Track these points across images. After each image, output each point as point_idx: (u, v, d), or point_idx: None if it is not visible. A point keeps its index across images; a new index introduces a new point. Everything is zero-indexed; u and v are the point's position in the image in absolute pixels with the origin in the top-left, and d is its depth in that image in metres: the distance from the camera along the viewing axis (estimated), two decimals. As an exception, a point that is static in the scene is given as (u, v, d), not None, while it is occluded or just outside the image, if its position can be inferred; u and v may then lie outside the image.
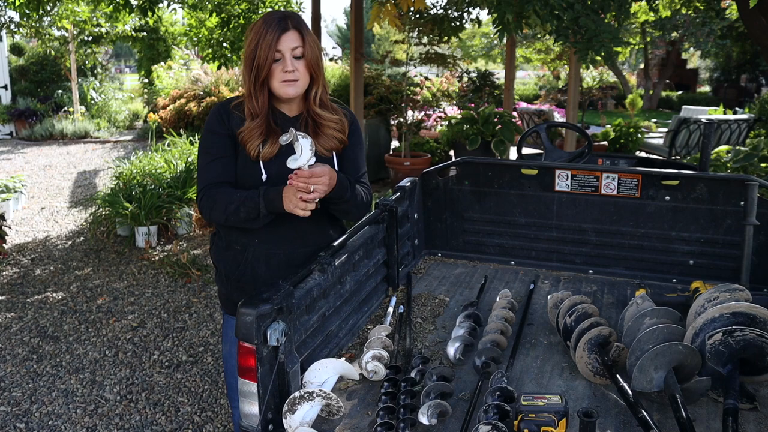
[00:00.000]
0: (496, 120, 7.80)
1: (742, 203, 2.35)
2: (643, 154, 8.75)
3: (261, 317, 1.50)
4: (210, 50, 7.16)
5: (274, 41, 1.78)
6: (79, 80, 13.53)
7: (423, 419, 1.52)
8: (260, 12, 7.04)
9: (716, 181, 2.43)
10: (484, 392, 1.62)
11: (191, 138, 7.41)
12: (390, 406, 1.57)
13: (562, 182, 2.60)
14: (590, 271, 2.62)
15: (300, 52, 1.81)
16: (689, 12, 7.81)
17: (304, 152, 1.68)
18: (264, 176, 1.85)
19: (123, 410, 3.16)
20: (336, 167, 1.94)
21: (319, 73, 1.88)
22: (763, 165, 5.50)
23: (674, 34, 16.96)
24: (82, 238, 6.04)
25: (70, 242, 5.93)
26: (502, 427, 1.42)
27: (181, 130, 9.61)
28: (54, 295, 4.64)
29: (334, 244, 1.95)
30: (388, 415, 1.54)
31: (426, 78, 9.73)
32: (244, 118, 1.87)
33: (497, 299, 2.20)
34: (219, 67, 7.32)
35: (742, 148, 5.83)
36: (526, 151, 3.53)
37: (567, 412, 1.49)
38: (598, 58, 3.98)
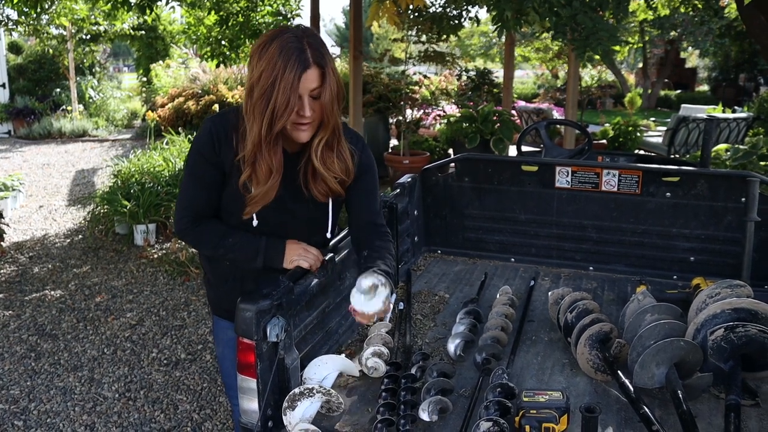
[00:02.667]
0: (495, 118, 7.79)
1: (743, 200, 2.34)
2: (642, 153, 8.75)
3: (260, 313, 1.49)
4: (208, 48, 7.14)
5: (295, 82, 1.50)
6: (78, 79, 13.50)
7: (423, 415, 1.51)
8: (258, 10, 7.02)
9: (717, 177, 2.42)
10: (484, 388, 1.61)
11: (189, 136, 7.39)
12: (390, 402, 1.56)
13: (563, 179, 2.59)
14: (591, 267, 2.61)
15: (317, 93, 1.55)
16: (688, 11, 7.82)
17: (377, 300, 1.51)
18: (255, 222, 1.70)
19: (121, 408, 3.15)
20: (330, 213, 1.79)
21: (330, 118, 1.59)
22: (762, 163, 5.50)
23: (673, 33, 16.96)
24: (80, 236, 6.03)
25: (69, 240, 5.91)
26: (503, 423, 1.41)
27: (179, 128, 9.58)
28: (52, 293, 4.62)
29: (334, 240, 1.94)
30: (389, 412, 1.53)
31: (425, 76, 9.72)
32: (238, 152, 1.63)
33: (497, 296, 2.19)
34: (217, 66, 7.30)
35: (741, 147, 5.83)
36: (525, 149, 3.52)
37: (568, 408, 1.48)
38: (597, 56, 3.98)
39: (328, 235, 1.82)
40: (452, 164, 2.83)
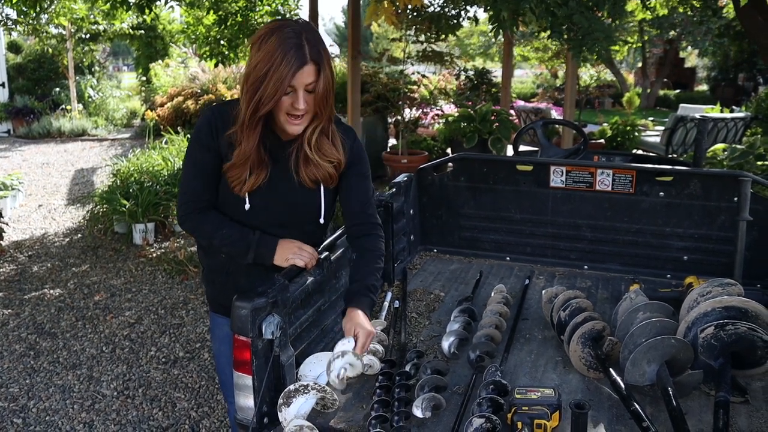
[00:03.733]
0: (493, 118, 7.81)
1: (736, 199, 2.36)
2: (639, 152, 8.76)
3: (256, 311, 1.51)
4: (207, 48, 7.15)
5: (288, 76, 1.56)
6: (77, 78, 13.51)
7: (417, 412, 1.53)
8: (257, 10, 7.03)
9: (710, 177, 2.44)
10: (478, 386, 1.62)
11: (188, 136, 7.40)
12: (385, 399, 1.58)
13: (557, 178, 2.61)
14: (585, 266, 2.63)
15: (312, 87, 1.61)
16: (686, 10, 7.83)
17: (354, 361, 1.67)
18: (247, 206, 1.75)
19: (120, 406, 3.17)
20: (322, 199, 1.81)
21: (324, 109, 1.66)
22: (759, 163, 5.51)
23: (672, 33, 16.97)
24: (79, 235, 6.04)
25: (68, 239, 5.93)
26: (495, 420, 1.43)
27: (178, 127, 9.59)
28: (51, 291, 4.64)
29: (330, 239, 1.96)
30: (383, 408, 1.55)
31: (423, 76, 9.73)
32: (234, 141, 1.71)
33: (492, 294, 2.21)
34: (216, 65, 7.31)
35: (739, 146, 5.85)
36: (523, 148, 3.54)
37: (560, 405, 1.50)
38: (594, 56, 4.00)
39: (321, 221, 1.85)
40: (448, 164, 2.85)
